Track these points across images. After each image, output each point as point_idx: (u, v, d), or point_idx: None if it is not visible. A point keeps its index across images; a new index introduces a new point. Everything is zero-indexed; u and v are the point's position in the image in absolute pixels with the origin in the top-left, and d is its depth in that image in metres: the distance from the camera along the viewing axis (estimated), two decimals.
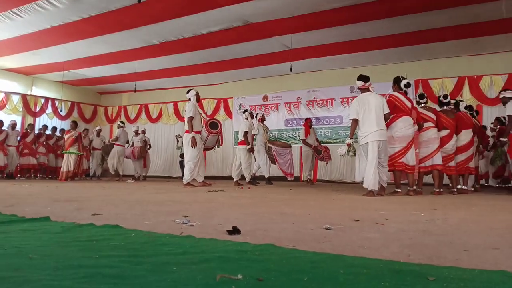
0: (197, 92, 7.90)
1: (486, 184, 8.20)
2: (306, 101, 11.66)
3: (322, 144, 10.12)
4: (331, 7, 7.46)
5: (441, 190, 6.21)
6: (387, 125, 5.61)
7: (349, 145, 5.59)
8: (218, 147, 8.61)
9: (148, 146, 11.51)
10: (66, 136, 10.81)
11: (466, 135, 6.68)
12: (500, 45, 8.90)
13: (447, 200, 4.82)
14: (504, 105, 6.49)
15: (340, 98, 11.08)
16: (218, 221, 2.44)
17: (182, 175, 13.14)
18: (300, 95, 11.73)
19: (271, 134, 10.18)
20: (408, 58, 9.99)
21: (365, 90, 5.70)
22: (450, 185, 6.73)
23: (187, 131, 7.55)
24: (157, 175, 13.84)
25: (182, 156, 13.20)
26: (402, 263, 1.36)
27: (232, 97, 13.02)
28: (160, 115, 14.39)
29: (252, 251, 1.48)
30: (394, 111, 5.67)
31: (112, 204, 3.45)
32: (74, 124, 10.99)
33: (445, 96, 6.82)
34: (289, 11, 7.72)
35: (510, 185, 7.44)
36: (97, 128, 12.55)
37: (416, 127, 6.00)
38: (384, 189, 5.55)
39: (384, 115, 5.48)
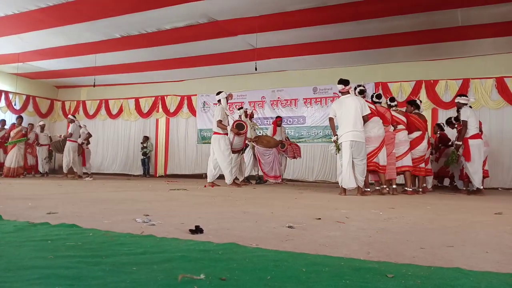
0: (227, 94, 7.72)
1: (439, 184, 8.57)
2: (270, 101, 11.72)
3: (293, 143, 9.86)
4: (297, 8, 7.53)
5: (413, 189, 6.46)
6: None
7: (334, 141, 5.76)
8: (245, 148, 8.50)
9: (86, 142, 11.00)
10: (13, 132, 10.27)
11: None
12: (455, 51, 9.31)
13: (405, 200, 4.99)
14: (458, 110, 6.77)
15: (303, 98, 11.22)
16: (180, 220, 2.40)
17: (144, 173, 13.02)
18: (264, 94, 11.78)
19: (260, 132, 10.01)
20: (370, 61, 10.26)
21: (345, 93, 5.88)
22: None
23: (215, 133, 7.54)
24: (116, 172, 13.49)
25: (144, 154, 12.98)
26: (362, 261, 1.39)
27: (196, 95, 12.88)
28: (120, 111, 14.01)
29: (215, 250, 1.46)
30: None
31: (69, 203, 3.33)
32: (21, 119, 10.49)
33: (392, 99, 7.05)
34: (255, 10, 7.72)
35: (451, 184, 7.89)
36: (40, 122, 11.97)
37: (391, 127, 6.26)
38: (361, 188, 5.66)
39: (363, 116, 5.66)
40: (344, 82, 5.90)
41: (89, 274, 1.07)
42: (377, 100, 6.56)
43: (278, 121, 9.75)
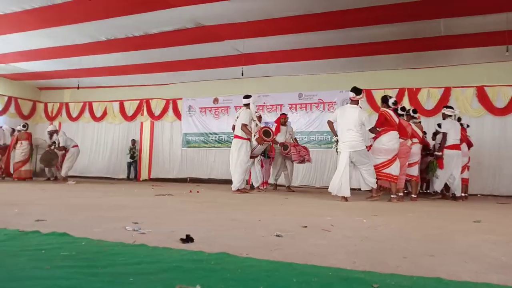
0: (254, 101, 7.65)
1: (421, 191, 8.75)
2: (256, 106, 11.78)
3: (301, 145, 9.07)
4: (284, 15, 7.61)
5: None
6: (375, 138, 6.15)
7: (336, 141, 6.06)
8: (265, 156, 8.17)
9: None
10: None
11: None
12: (438, 60, 9.54)
13: (387, 206, 5.10)
14: (443, 119, 7.17)
15: (288, 104, 11.32)
16: (169, 228, 2.44)
17: (127, 176, 12.92)
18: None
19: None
20: (355, 69, 10.43)
21: (354, 102, 6.07)
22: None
23: (236, 137, 7.32)
24: (99, 176, 13.36)
25: (132, 157, 12.90)
26: (349, 271, 1.46)
27: (181, 98, 12.86)
28: (104, 114, 13.88)
29: (207, 260, 1.51)
30: (383, 125, 6.10)
31: (56, 209, 3.32)
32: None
33: (414, 111, 7.31)
34: (242, 16, 7.79)
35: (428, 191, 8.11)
36: (5, 126, 11.72)
37: (409, 141, 6.48)
38: (375, 189, 6.01)
39: (371, 129, 6.03)
40: (357, 91, 6.07)
41: (89, 286, 1.10)
42: (401, 113, 6.74)
43: (281, 119, 8.85)
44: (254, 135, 7.32)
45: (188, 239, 1.98)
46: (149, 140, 13.22)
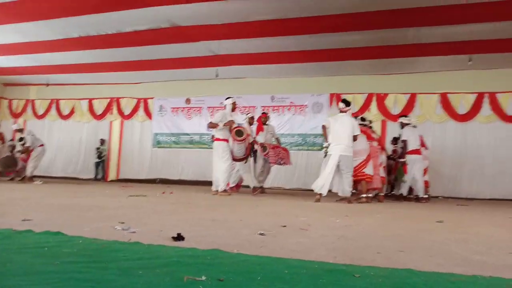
0: (234, 101, 7.63)
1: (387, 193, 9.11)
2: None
3: (280, 146, 8.61)
4: (259, 19, 7.76)
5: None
6: None
7: (325, 147, 6.46)
8: (250, 156, 7.93)
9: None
10: None
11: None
12: (405, 67, 9.96)
13: (356, 208, 5.35)
14: (401, 128, 7.71)
15: (261, 106, 11.47)
16: (156, 227, 2.53)
17: (95, 177, 12.69)
18: (223, 100, 11.86)
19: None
20: (325, 73, 10.71)
21: (344, 112, 6.54)
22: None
23: (215, 139, 7.33)
24: (66, 176, 13.03)
25: (99, 157, 12.68)
26: (332, 264, 1.62)
27: (152, 98, 12.76)
28: (72, 112, 13.55)
29: (203, 256, 1.63)
30: None
31: (36, 209, 3.32)
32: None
33: (363, 119, 7.71)
34: (218, 18, 7.86)
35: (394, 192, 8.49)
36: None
37: (374, 142, 7.10)
38: (349, 198, 6.28)
39: (354, 136, 6.32)
40: (346, 103, 6.67)
41: (103, 278, 1.20)
42: (361, 122, 7.29)
43: (262, 118, 8.49)
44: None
45: (179, 237, 2.09)
46: (118, 139, 13.03)
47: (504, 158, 9.49)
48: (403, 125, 7.74)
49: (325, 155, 6.43)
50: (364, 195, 6.55)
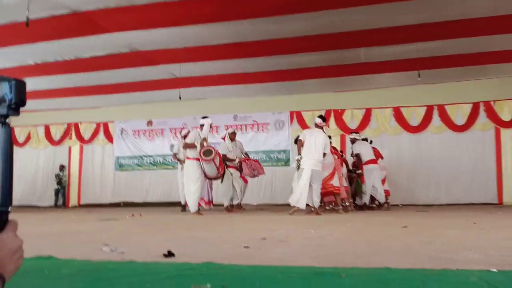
0: (211, 122, 7.58)
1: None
2: (192, 128, 11.91)
3: (252, 159, 8.86)
4: (218, 43, 7.95)
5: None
6: None
7: (298, 160, 6.76)
8: (222, 177, 7.76)
9: None
10: None
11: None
12: (359, 84, 10.46)
13: (326, 219, 5.57)
14: (352, 143, 8.38)
15: (224, 125, 11.59)
16: (143, 247, 2.59)
17: (55, 204, 12.25)
18: (186, 121, 11.90)
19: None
20: (285, 92, 11.04)
21: (319, 127, 6.95)
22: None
23: (188, 158, 7.28)
24: (24, 204, 12.47)
25: (59, 183, 12.27)
26: (319, 268, 1.78)
27: (113, 121, 12.60)
28: (28, 138, 13.13)
29: (199, 269, 1.73)
30: None
31: None
32: None
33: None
34: (178, 42, 7.97)
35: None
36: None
37: (335, 156, 7.44)
38: (316, 209, 6.51)
39: (324, 153, 6.62)
40: (323, 118, 7.18)
41: None
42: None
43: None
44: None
45: (170, 254, 2.17)
46: (78, 164, 12.71)
47: (456, 165, 10.13)
48: (353, 141, 8.37)
49: (298, 168, 6.71)
50: (340, 207, 6.95)
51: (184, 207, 8.29)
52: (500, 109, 10.06)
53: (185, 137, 8.49)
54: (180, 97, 9.77)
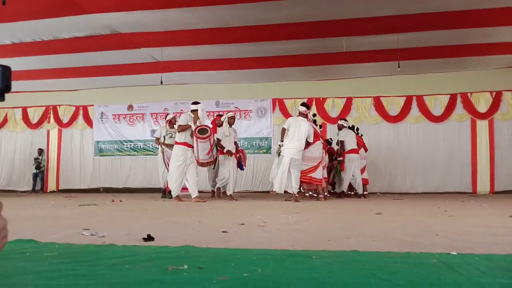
0: (203, 108, 7.19)
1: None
2: (173, 113, 11.85)
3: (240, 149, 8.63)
4: (201, 27, 7.92)
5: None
6: (305, 148, 6.82)
7: (279, 146, 6.85)
8: (214, 164, 7.48)
9: None
10: None
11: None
12: (340, 73, 10.60)
13: (303, 205, 5.70)
14: (339, 130, 8.43)
15: (206, 112, 11.58)
16: (123, 231, 2.63)
17: (33, 188, 12.09)
18: (167, 106, 11.86)
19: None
20: (267, 79, 11.09)
21: (304, 115, 6.99)
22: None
23: (176, 143, 6.98)
24: (1, 189, 12.29)
25: (38, 167, 12.09)
26: (292, 251, 1.87)
27: (92, 105, 12.42)
28: (5, 121, 12.84)
29: (177, 251, 1.80)
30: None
31: None
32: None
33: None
34: (160, 26, 7.90)
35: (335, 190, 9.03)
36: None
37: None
38: (295, 195, 6.66)
39: (309, 142, 6.73)
40: (307, 106, 7.20)
41: (97, 272, 1.34)
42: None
43: (216, 121, 8.44)
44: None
45: (150, 238, 2.23)
46: (56, 149, 12.53)
47: (433, 154, 10.42)
48: (340, 127, 8.42)
49: (279, 154, 6.80)
50: (321, 196, 7.03)
51: (164, 193, 8.25)
52: (476, 101, 10.35)
53: (169, 121, 8.50)
54: (161, 82, 9.72)
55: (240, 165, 8.11)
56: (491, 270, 1.43)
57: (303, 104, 7.25)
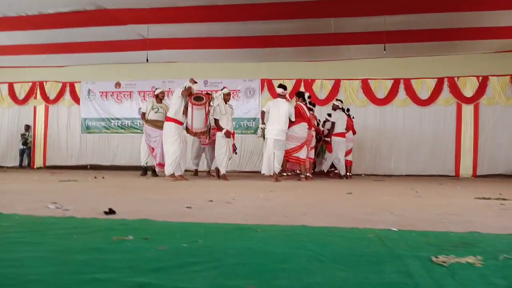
0: (194, 82, 7.11)
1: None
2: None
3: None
4: (188, 5, 7.84)
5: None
6: (289, 127, 6.88)
7: (262, 129, 7.07)
8: (208, 133, 7.27)
9: None
10: None
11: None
12: (329, 55, 10.58)
13: (282, 185, 5.80)
14: (333, 110, 8.44)
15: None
16: (89, 205, 2.70)
17: (20, 164, 12.09)
18: (155, 84, 11.77)
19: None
20: (256, 59, 11.04)
21: (282, 96, 7.09)
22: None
23: (167, 119, 6.85)
24: None
25: (24, 143, 12.08)
26: (243, 225, 1.96)
27: (80, 82, 12.33)
28: None
29: (131, 224, 1.88)
30: (297, 117, 6.98)
31: None
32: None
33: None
34: (145, 2, 7.82)
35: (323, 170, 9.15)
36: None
37: (312, 131, 7.60)
38: (276, 174, 6.75)
39: (290, 121, 6.81)
40: (283, 87, 7.30)
41: (44, 241, 1.41)
42: (311, 107, 7.96)
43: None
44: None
45: (111, 212, 2.30)
46: (43, 125, 12.49)
47: (418, 138, 10.54)
48: (334, 107, 8.41)
49: (263, 137, 6.97)
50: (303, 175, 7.12)
51: (145, 170, 8.25)
52: (463, 85, 10.41)
53: (157, 96, 8.41)
54: (147, 60, 9.67)
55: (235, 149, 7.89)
56: (418, 244, 1.52)
57: (280, 86, 7.32)
